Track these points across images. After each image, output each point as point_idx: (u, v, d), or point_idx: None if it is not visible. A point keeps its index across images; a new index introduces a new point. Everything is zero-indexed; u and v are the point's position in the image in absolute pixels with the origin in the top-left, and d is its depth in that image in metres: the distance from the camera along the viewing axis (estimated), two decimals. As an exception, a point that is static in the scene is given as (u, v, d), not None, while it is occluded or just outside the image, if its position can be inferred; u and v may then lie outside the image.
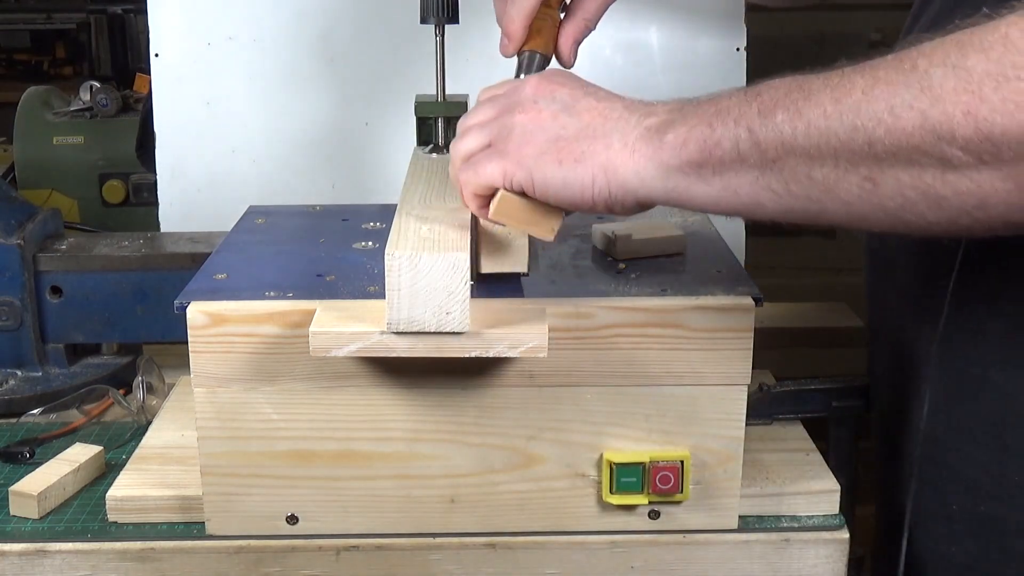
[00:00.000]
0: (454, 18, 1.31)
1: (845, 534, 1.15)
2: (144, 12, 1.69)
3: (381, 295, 0.98)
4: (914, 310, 1.17)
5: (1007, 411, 1.07)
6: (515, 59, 1.21)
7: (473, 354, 0.99)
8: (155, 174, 1.72)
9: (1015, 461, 1.07)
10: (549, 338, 1.00)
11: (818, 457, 1.24)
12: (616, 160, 0.96)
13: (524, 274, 1.11)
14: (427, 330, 0.98)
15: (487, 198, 1.02)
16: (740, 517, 1.14)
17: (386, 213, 1.24)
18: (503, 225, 1.04)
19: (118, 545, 1.13)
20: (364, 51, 1.69)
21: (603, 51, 1.71)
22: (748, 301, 1.08)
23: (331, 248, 1.25)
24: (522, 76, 1.18)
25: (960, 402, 1.10)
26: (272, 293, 1.09)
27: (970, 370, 1.09)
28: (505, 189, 0.99)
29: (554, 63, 1.22)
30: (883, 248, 1.26)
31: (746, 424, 1.11)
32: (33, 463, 1.26)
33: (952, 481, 1.12)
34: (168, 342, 1.48)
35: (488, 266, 1.10)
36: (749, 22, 1.69)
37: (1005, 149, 0.79)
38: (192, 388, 1.09)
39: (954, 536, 1.13)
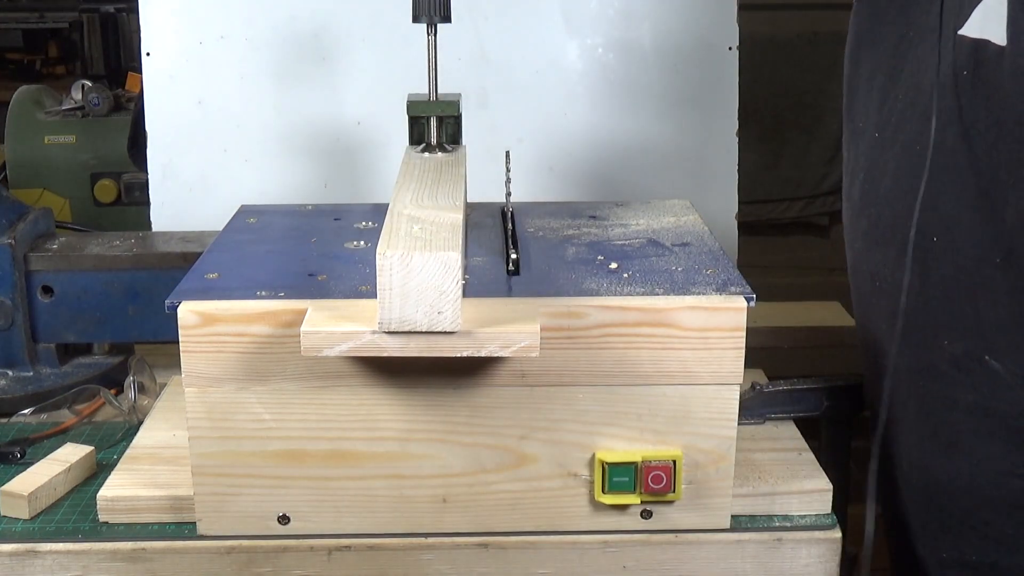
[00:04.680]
0: (446, 17, 1.31)
1: (838, 534, 1.15)
2: (136, 11, 1.69)
3: (373, 295, 0.98)
4: (891, 367, 1.18)
5: (980, 473, 1.10)
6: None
7: (465, 354, 0.99)
8: (147, 173, 1.72)
9: (996, 519, 1.10)
10: (541, 337, 0.99)
11: (811, 456, 1.24)
12: None
13: None
14: (419, 330, 0.97)
15: None
16: (732, 517, 1.14)
17: (378, 212, 1.24)
18: None
19: (109, 545, 1.13)
20: (356, 50, 1.69)
21: (595, 50, 1.71)
22: (740, 301, 1.08)
23: (323, 247, 1.25)
24: None
25: (939, 461, 1.14)
26: (263, 293, 1.09)
27: (945, 435, 1.12)
28: None
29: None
30: (860, 295, 1.28)
31: (738, 424, 1.11)
32: (24, 463, 1.26)
33: (942, 530, 1.15)
34: (160, 342, 1.48)
35: None
36: (741, 21, 1.69)
37: None
38: (183, 388, 1.08)
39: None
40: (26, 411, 1.40)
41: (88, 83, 2.86)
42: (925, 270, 1.11)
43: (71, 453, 1.25)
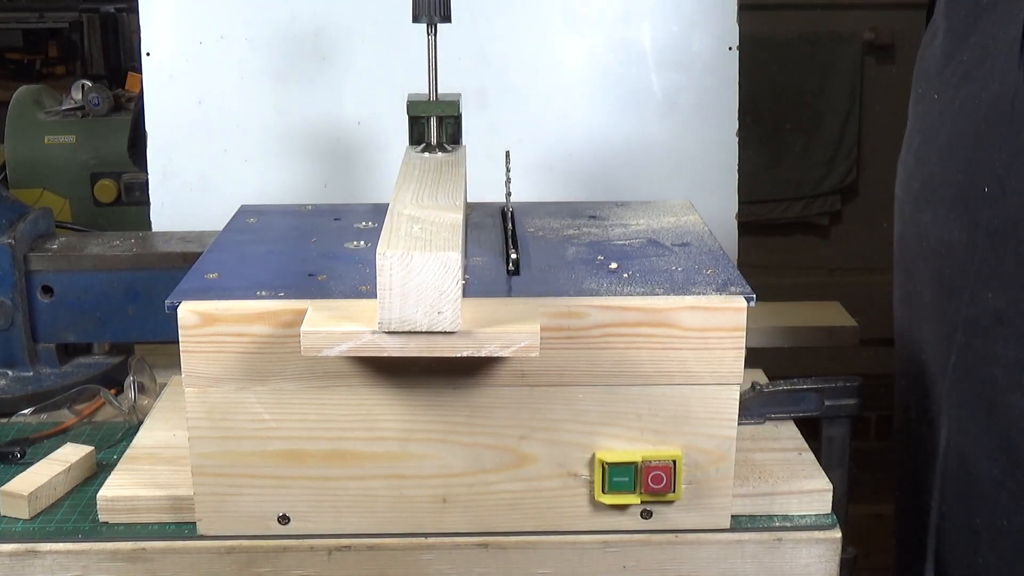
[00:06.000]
0: (446, 17, 1.31)
1: (837, 534, 1.15)
2: (136, 11, 1.69)
3: (373, 295, 0.98)
4: (933, 329, 1.20)
5: (1018, 432, 1.10)
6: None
7: (464, 353, 0.99)
8: (147, 173, 1.72)
9: None
10: (541, 337, 0.99)
11: (811, 457, 1.24)
12: None
13: None
14: (419, 330, 0.97)
15: None
16: (732, 517, 1.14)
17: (378, 212, 1.24)
18: None
19: (109, 545, 1.13)
20: (356, 50, 1.69)
21: (595, 50, 1.71)
22: (740, 301, 1.08)
23: (323, 247, 1.25)
24: None
25: (976, 422, 1.14)
26: (263, 293, 1.09)
27: (984, 392, 1.12)
28: None
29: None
30: (906, 260, 1.29)
31: (738, 423, 1.11)
32: (24, 463, 1.26)
33: (975, 496, 1.15)
34: (160, 342, 1.48)
35: None
36: (741, 21, 1.69)
37: None
38: (183, 388, 1.08)
39: (979, 550, 1.16)
40: (26, 411, 1.40)
41: (88, 83, 2.86)
42: (973, 222, 1.13)
43: (71, 453, 1.25)
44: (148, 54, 1.68)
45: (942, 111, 1.20)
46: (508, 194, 1.29)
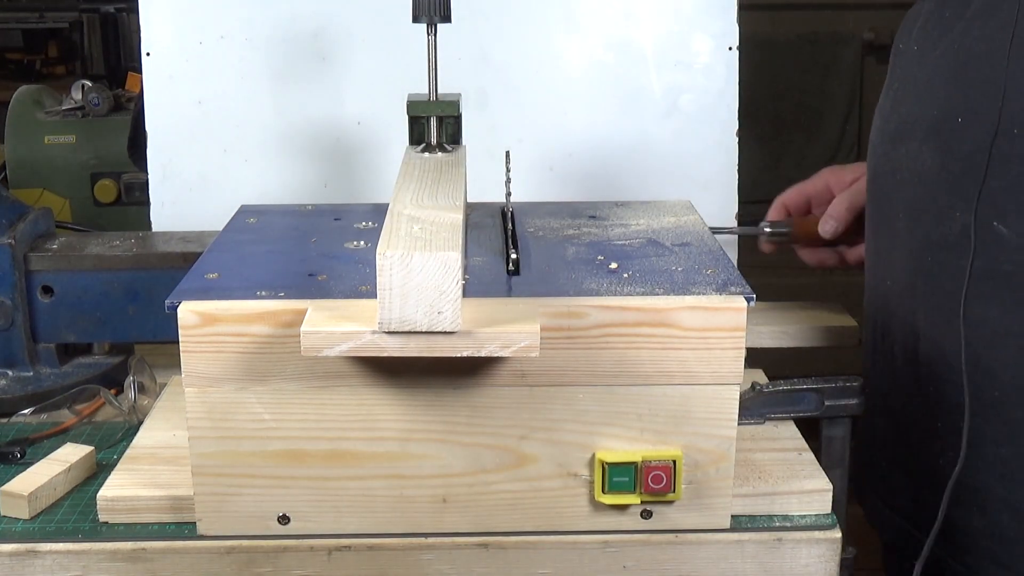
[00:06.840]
0: (446, 17, 1.31)
1: (837, 534, 1.15)
2: (136, 11, 1.69)
3: (373, 295, 0.98)
4: (903, 251, 1.32)
5: (978, 336, 1.22)
6: None
7: (464, 353, 0.99)
8: (147, 173, 1.72)
9: (988, 381, 1.22)
10: (541, 337, 0.99)
11: (811, 457, 1.24)
12: None
13: None
14: (419, 330, 0.97)
15: None
16: (732, 517, 1.14)
17: (378, 212, 1.24)
18: None
19: (109, 545, 1.13)
20: (356, 50, 1.69)
21: (595, 50, 1.71)
22: (740, 301, 1.08)
23: (323, 247, 1.25)
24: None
25: (939, 330, 1.27)
26: (263, 292, 1.09)
27: (948, 303, 1.24)
28: None
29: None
30: (879, 196, 1.41)
31: (739, 424, 1.11)
32: (24, 463, 1.26)
33: (935, 401, 1.29)
34: (160, 342, 1.48)
35: None
36: (741, 21, 1.69)
37: None
38: (183, 388, 1.08)
39: (942, 452, 1.28)
40: (26, 411, 1.40)
41: (88, 83, 2.86)
42: (947, 150, 1.25)
43: (71, 453, 1.25)
44: (148, 54, 1.68)
45: (922, 60, 1.33)
46: (508, 194, 1.29)
